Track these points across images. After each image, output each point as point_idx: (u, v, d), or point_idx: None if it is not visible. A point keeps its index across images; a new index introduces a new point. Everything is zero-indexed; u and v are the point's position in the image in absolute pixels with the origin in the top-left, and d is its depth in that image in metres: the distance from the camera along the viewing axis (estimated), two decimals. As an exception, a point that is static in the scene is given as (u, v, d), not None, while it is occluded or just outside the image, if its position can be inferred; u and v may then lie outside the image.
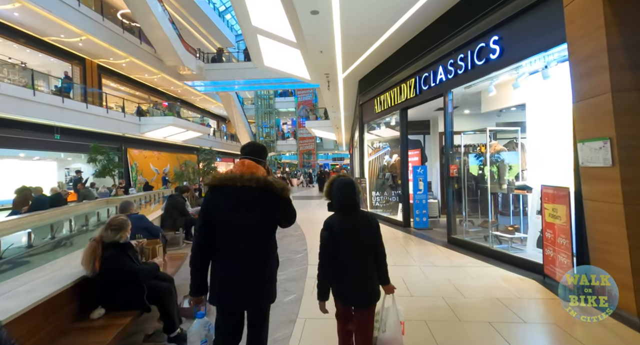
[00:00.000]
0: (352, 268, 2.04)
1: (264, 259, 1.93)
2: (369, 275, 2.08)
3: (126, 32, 17.71)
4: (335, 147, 30.98)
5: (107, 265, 2.65)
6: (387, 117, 8.67)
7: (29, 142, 13.64)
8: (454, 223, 6.17)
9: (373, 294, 2.06)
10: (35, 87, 12.89)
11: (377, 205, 9.39)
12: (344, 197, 2.11)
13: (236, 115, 27.29)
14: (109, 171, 11.12)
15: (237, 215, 1.85)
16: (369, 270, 2.08)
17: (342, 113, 13.00)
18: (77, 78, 17.63)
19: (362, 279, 2.05)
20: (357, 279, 2.04)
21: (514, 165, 5.81)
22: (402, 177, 7.79)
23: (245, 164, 1.96)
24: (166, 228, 6.33)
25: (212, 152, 12.55)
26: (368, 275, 2.07)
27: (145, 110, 18.94)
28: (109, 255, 2.70)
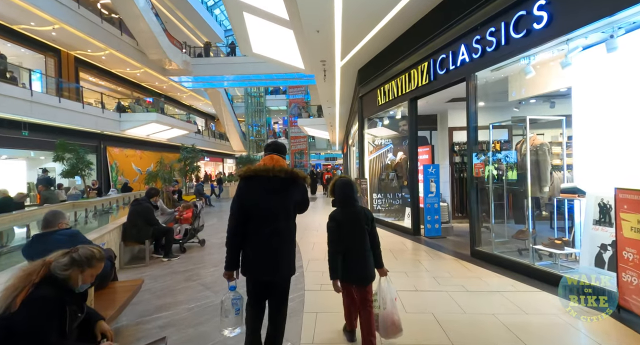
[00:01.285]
0: (353, 252, 2.41)
1: (290, 237, 2.23)
2: (366, 259, 2.43)
3: (105, 22, 16.26)
4: (328, 147, 29.82)
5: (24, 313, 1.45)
6: (392, 110, 7.57)
7: (-8, 139, 12.15)
8: (478, 232, 5.09)
9: (370, 275, 2.43)
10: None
11: (380, 209, 8.28)
12: (344, 194, 2.52)
13: (225, 113, 25.93)
14: (78, 170, 9.78)
15: (269, 200, 2.16)
16: (366, 254, 2.44)
17: (338, 109, 11.88)
18: (52, 71, 16.13)
19: (361, 261, 2.42)
20: (357, 261, 2.41)
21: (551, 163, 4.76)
22: (410, 177, 6.70)
23: (274, 158, 2.26)
24: (129, 241, 5.10)
25: (195, 150, 11.26)
26: (365, 258, 2.43)
27: (126, 107, 17.47)
28: (38, 297, 1.51)
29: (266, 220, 2.14)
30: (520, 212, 4.74)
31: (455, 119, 7.93)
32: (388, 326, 2.42)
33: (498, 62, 4.53)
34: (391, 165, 7.94)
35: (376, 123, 8.39)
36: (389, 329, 2.42)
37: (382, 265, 2.50)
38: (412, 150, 6.62)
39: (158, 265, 5.13)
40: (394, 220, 7.66)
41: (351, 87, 9.47)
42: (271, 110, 30.86)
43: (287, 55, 8.67)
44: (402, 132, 8.19)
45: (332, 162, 33.58)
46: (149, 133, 18.40)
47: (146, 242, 5.09)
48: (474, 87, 5.04)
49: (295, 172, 2.22)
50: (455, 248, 5.64)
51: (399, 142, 8.12)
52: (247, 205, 2.15)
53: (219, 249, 6.07)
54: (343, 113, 12.90)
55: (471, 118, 5.09)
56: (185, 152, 11.18)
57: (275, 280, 2.20)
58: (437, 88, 5.77)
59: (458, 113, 7.94)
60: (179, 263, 5.20)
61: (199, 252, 5.89)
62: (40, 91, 13.78)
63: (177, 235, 5.86)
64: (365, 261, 2.42)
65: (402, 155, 7.67)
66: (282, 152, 2.37)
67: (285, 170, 2.18)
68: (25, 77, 14.49)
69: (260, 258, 2.13)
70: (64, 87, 15.41)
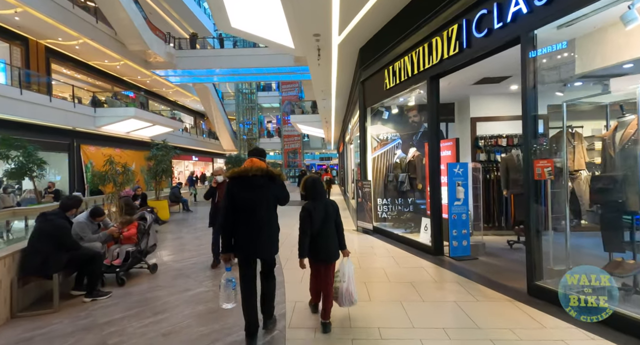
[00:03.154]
0: (322, 236, 2.83)
1: (272, 224, 2.70)
2: (332, 241, 2.88)
3: (78, 7, 14.35)
4: (323, 146, 28.06)
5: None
6: (403, 96, 5.92)
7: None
8: (538, 260, 3.45)
9: (335, 254, 2.89)
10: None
11: (386, 218, 6.62)
12: (315, 189, 2.93)
13: (215, 110, 24.09)
14: (26, 171, 7.99)
15: (252, 195, 2.61)
16: (332, 238, 2.89)
17: (334, 101, 10.20)
18: (18, 61, 14.21)
19: (329, 244, 2.86)
20: (325, 244, 2.85)
21: None
22: (430, 180, 5.05)
23: (254, 161, 2.72)
24: (31, 275, 3.37)
25: (167, 147, 9.49)
26: (331, 241, 2.88)
27: (102, 101, 15.60)
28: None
29: (251, 210, 2.60)
30: (614, 233, 3.11)
31: (479, 107, 6.31)
32: (345, 297, 2.85)
33: (577, 8, 2.91)
34: (400, 164, 6.28)
35: (382, 113, 6.73)
36: (346, 299, 2.86)
37: (345, 247, 2.97)
38: (433, 145, 4.97)
39: (73, 309, 3.39)
40: (404, 232, 6.01)
41: (350, 71, 7.79)
42: (263, 107, 29.05)
43: (273, 31, 6.97)
44: (414, 123, 6.54)
45: (327, 162, 31.88)
46: (128, 130, 16.53)
47: (54, 276, 3.36)
48: (532, 50, 3.40)
49: (270, 171, 2.70)
50: (498, 277, 4.00)
51: (409, 136, 6.48)
52: (235, 200, 2.60)
53: (176, 279, 4.35)
54: (339, 106, 11.22)
55: (529, 99, 3.45)
56: (155, 149, 9.39)
57: (262, 257, 2.70)
58: (472, 59, 4.12)
59: (484, 100, 6.32)
60: (106, 306, 3.47)
61: (143, 284, 4.15)
62: (4, 83, 11.95)
63: (116, 261, 4.13)
64: (331, 244, 2.87)
65: (415, 151, 6.02)
66: (262, 155, 2.90)
67: (262, 169, 2.65)
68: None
69: (249, 241, 2.60)
70: (32, 79, 13.54)
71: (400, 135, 6.68)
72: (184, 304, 3.46)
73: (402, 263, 4.68)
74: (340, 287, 2.84)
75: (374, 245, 5.75)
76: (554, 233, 3.66)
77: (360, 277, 4.11)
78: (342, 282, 2.84)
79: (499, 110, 6.27)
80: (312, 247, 2.79)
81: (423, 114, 6.22)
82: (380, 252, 5.30)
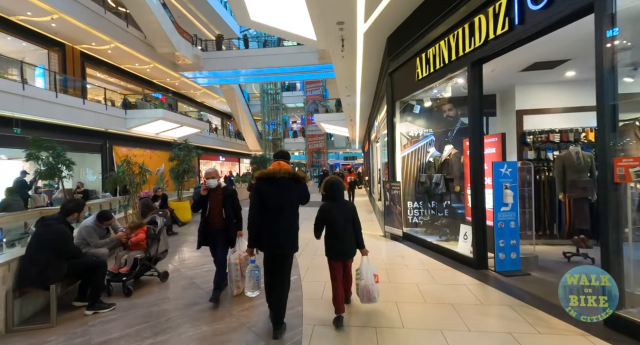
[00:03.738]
0: (340, 236, 2.97)
1: (294, 222, 2.88)
2: (350, 240, 3.01)
3: (109, 12, 14.68)
4: (348, 145, 27.35)
5: None
6: (437, 87, 5.24)
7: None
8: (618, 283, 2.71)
9: (352, 251, 3.03)
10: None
11: (417, 223, 5.95)
12: (334, 190, 3.06)
13: (241, 111, 24.12)
14: (55, 171, 8.05)
15: (279, 195, 2.78)
16: (349, 237, 3.01)
17: (359, 96, 9.58)
18: (56, 66, 14.76)
19: (346, 242, 2.99)
20: (342, 243, 2.97)
21: None
22: (472, 181, 4.35)
23: (281, 163, 2.91)
24: (28, 286, 3.08)
25: (189, 147, 9.29)
26: (349, 240, 3.00)
27: (132, 103, 15.89)
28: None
29: (277, 209, 2.78)
30: None
31: (527, 98, 5.49)
32: (364, 294, 2.98)
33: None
34: (434, 163, 5.59)
35: (412, 107, 6.06)
36: (365, 296, 2.99)
37: (363, 246, 3.08)
38: (475, 141, 4.27)
39: (71, 324, 3.07)
40: (439, 240, 5.32)
41: (377, 62, 7.14)
42: (288, 107, 28.81)
43: (294, 22, 6.49)
44: (449, 118, 5.83)
45: (351, 162, 31.14)
46: (157, 131, 16.76)
47: (52, 287, 3.04)
48: (610, 22, 2.67)
49: (296, 173, 2.88)
50: (556, 299, 3.26)
51: (444, 132, 5.77)
52: (263, 199, 2.78)
53: (187, 289, 3.97)
54: (365, 103, 10.58)
55: (606, 84, 2.73)
56: (177, 149, 9.21)
57: (283, 252, 2.82)
58: (524, 38, 3.41)
59: (532, 90, 5.50)
60: (106, 321, 3.12)
61: (151, 294, 3.79)
62: (42, 87, 12.40)
63: (123, 268, 3.80)
64: (348, 242, 3.00)
65: (452, 149, 5.31)
66: (287, 158, 3.09)
67: (288, 171, 2.84)
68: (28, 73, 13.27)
69: (273, 236, 2.77)
70: (68, 83, 14.01)
71: (433, 132, 5.98)
72: (189, 323, 3.04)
73: (438, 278, 4.03)
74: (360, 285, 3.02)
75: (405, 254, 5.10)
76: (634, 249, 2.89)
77: (390, 294, 3.51)
78: (362, 280, 3.01)
79: (550, 101, 5.42)
80: (331, 245, 2.98)
81: (460, 107, 5.51)
82: (412, 263, 4.66)
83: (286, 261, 2.83)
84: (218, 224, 3.51)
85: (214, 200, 3.52)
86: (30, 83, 12.30)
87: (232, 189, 3.62)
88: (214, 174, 3.53)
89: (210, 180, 3.48)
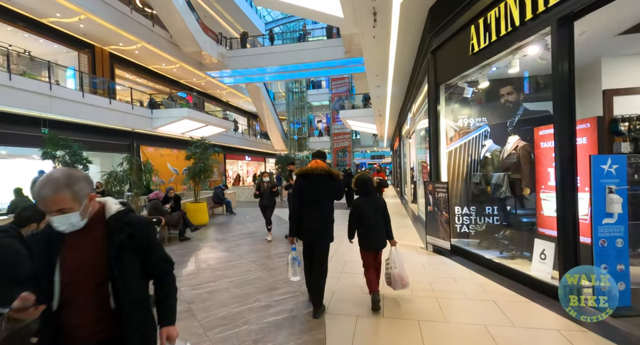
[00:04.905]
0: (372, 228, 3.19)
1: (330, 214, 3.14)
2: (380, 232, 3.22)
3: (135, 12, 14.46)
4: (375, 144, 25.98)
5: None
6: (500, 61, 4.04)
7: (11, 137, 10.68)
8: None
9: (384, 243, 3.25)
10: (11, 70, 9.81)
11: (468, 233, 4.76)
12: (366, 186, 3.30)
13: (266, 110, 23.51)
14: (72, 171, 7.59)
15: (316, 189, 3.04)
16: (381, 229, 3.22)
17: (390, 86, 8.42)
18: (86, 67, 14.77)
19: (377, 234, 3.21)
20: (374, 235, 3.20)
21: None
22: (559, 181, 3.13)
23: (318, 162, 3.16)
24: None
25: (205, 145, 8.52)
26: (380, 232, 3.22)
27: (159, 103, 15.64)
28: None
29: (315, 202, 3.03)
30: None
31: (618, 73, 4.15)
32: (397, 281, 3.16)
33: None
34: (492, 160, 4.38)
35: (462, 91, 4.85)
36: (399, 283, 3.16)
37: (392, 237, 3.28)
38: (563, 127, 3.06)
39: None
40: (501, 257, 4.12)
41: (415, 39, 5.96)
42: (313, 106, 27.89)
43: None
44: (508, 103, 4.61)
45: (378, 161, 29.71)
46: (183, 131, 16.42)
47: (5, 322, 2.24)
48: None
49: (331, 171, 3.13)
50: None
51: (502, 121, 4.54)
52: (302, 193, 3.03)
53: (179, 321, 3.10)
54: (396, 95, 9.39)
55: None
56: (193, 147, 8.49)
57: (319, 241, 3.05)
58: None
59: (626, 63, 4.16)
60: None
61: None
62: (73, 88, 12.31)
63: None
64: (379, 234, 3.21)
65: (519, 141, 4.10)
66: (323, 157, 3.32)
67: (325, 169, 3.10)
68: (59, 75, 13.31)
69: (311, 228, 3.02)
70: (97, 84, 13.92)
71: (489, 121, 4.76)
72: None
73: (514, 315, 2.88)
74: (393, 273, 3.17)
75: (457, 275, 3.95)
76: None
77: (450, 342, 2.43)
78: (394, 269, 3.16)
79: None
80: (364, 237, 3.21)
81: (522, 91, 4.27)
82: (469, 289, 3.51)
83: (323, 249, 3.06)
84: None
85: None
86: (61, 84, 12.28)
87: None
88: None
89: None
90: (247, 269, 4.48)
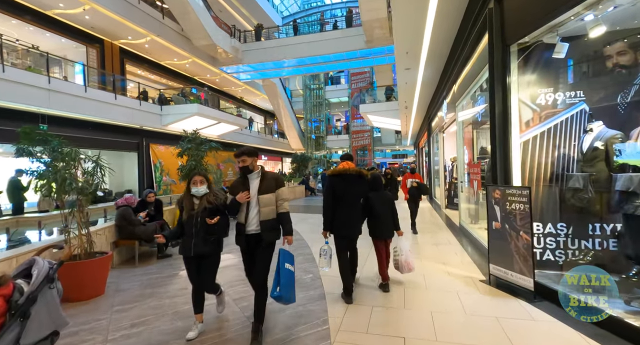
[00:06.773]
0: (382, 220, 3.54)
1: (358, 211, 3.44)
2: (389, 223, 3.59)
3: (143, 3, 13.52)
4: (397, 141, 24.11)
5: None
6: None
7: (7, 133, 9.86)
8: None
9: (391, 232, 3.62)
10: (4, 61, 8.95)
11: (558, 263, 3.11)
12: (376, 183, 3.65)
13: (282, 108, 22.24)
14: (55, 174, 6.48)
15: (348, 188, 3.31)
16: (389, 220, 3.58)
17: (422, 68, 6.78)
18: (94, 62, 14.00)
19: (386, 224, 3.58)
20: (383, 225, 3.57)
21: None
22: None
23: (349, 163, 3.58)
24: None
25: (202, 140, 7.20)
26: (388, 223, 3.58)
27: (168, 98, 14.64)
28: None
29: (346, 199, 3.30)
30: None
31: None
32: (404, 266, 3.56)
33: None
34: (609, 152, 2.74)
35: (547, 51, 3.20)
36: (406, 267, 3.56)
37: (399, 228, 3.65)
38: None
39: None
40: (629, 312, 2.48)
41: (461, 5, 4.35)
42: (331, 103, 26.34)
43: None
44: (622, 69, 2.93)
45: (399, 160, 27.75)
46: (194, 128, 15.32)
47: None
48: None
49: (361, 171, 3.46)
50: None
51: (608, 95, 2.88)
52: (336, 191, 3.29)
53: None
54: (428, 80, 7.70)
55: None
56: (185, 142, 7.20)
57: (350, 235, 3.38)
58: None
59: None
60: None
61: None
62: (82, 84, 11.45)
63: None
64: (387, 225, 3.58)
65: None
66: (352, 159, 3.76)
67: (355, 170, 3.42)
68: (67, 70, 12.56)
69: (343, 223, 3.28)
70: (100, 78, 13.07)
71: (587, 97, 3.10)
72: None
73: None
74: (400, 260, 3.59)
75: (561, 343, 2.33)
76: None
77: None
78: (401, 256, 3.58)
79: None
80: (374, 226, 3.61)
81: None
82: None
83: (352, 242, 3.49)
84: None
85: None
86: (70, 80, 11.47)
87: None
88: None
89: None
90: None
